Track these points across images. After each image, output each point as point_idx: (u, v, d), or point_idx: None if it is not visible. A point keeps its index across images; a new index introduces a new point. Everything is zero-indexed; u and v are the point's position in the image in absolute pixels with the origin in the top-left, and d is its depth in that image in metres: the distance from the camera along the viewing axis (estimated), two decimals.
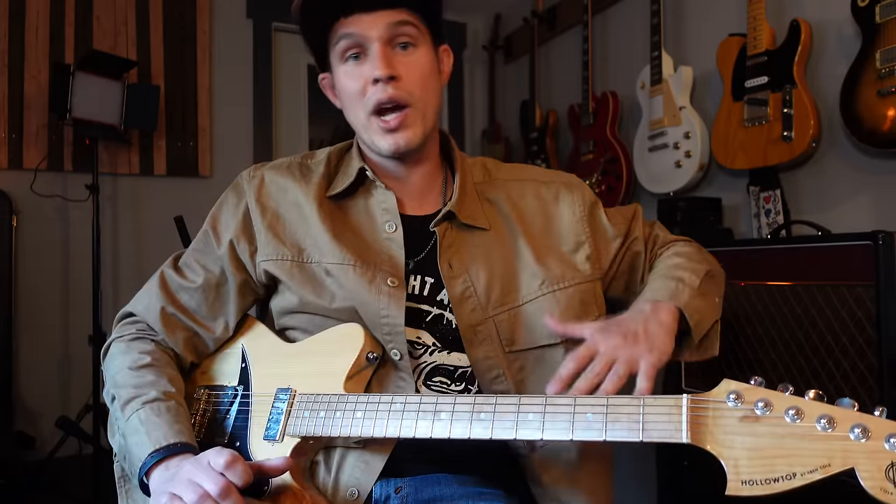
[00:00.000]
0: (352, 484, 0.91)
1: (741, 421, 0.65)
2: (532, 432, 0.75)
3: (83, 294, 2.84)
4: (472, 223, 1.02)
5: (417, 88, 0.98)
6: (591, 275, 1.03)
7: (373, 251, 1.00)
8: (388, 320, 0.95)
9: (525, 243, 1.02)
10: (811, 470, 0.61)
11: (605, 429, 0.71)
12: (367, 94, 0.97)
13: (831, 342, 1.52)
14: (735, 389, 0.67)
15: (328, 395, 0.89)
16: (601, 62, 2.97)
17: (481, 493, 0.92)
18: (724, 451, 0.65)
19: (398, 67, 0.96)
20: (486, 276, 0.98)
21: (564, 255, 1.03)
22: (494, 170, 1.12)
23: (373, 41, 0.96)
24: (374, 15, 0.96)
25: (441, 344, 0.98)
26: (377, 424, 0.83)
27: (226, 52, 3.34)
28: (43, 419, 2.87)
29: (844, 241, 1.54)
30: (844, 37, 1.92)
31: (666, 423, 0.69)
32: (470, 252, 1.00)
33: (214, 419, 0.99)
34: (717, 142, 2.18)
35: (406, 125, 0.97)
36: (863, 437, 0.59)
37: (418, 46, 0.99)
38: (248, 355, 1.02)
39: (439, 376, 0.97)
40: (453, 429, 0.78)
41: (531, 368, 0.97)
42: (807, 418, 0.63)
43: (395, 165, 1.05)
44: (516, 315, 0.98)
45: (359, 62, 0.98)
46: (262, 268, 1.02)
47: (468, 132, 4.01)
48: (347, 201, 1.06)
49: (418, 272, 1.00)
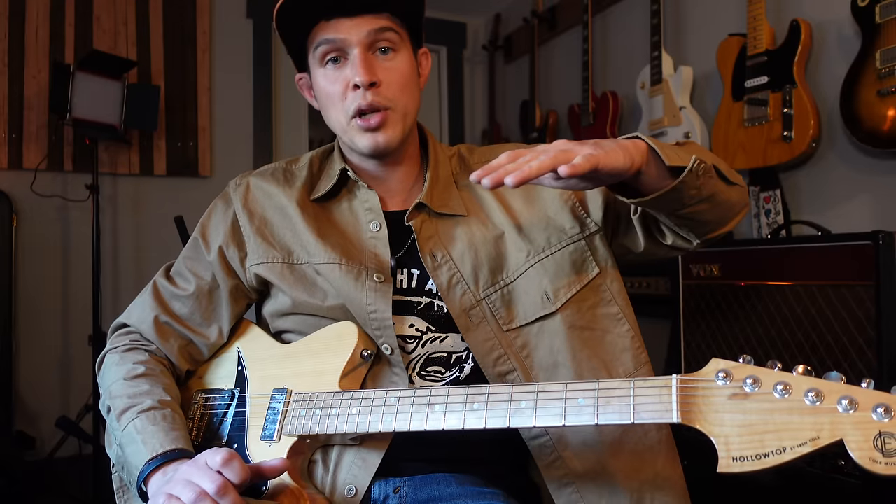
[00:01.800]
0: (349, 481, 0.91)
1: (730, 398, 0.65)
2: (525, 420, 0.75)
3: (83, 294, 2.84)
4: (447, 211, 1.03)
5: (397, 93, 0.99)
6: (581, 232, 1.01)
7: (358, 249, 1.01)
8: (376, 315, 0.95)
9: (507, 220, 1.02)
10: (801, 444, 0.60)
11: (597, 413, 0.71)
12: (347, 99, 0.98)
13: (831, 342, 1.52)
14: (724, 368, 0.67)
15: (323, 393, 0.89)
16: (601, 62, 2.97)
17: (481, 492, 0.92)
18: (714, 429, 0.65)
19: (378, 73, 0.97)
20: (471, 260, 0.99)
21: (550, 220, 1.01)
22: (468, 155, 1.12)
23: (353, 46, 0.96)
24: (356, 20, 0.96)
25: (435, 326, 0.98)
26: (372, 420, 0.83)
27: (226, 52, 3.34)
28: (43, 419, 2.87)
29: (844, 241, 1.54)
30: (844, 37, 1.92)
31: (656, 404, 0.68)
32: (452, 239, 1.01)
33: (212, 422, 0.99)
34: (717, 142, 2.18)
35: (386, 125, 0.98)
36: (850, 408, 0.59)
37: (398, 51, 1.00)
38: (244, 358, 1.02)
39: (434, 366, 0.98)
40: (447, 420, 0.79)
41: (534, 344, 0.97)
42: (795, 392, 0.62)
43: (376, 165, 1.06)
44: (508, 292, 0.98)
45: (338, 66, 0.99)
46: (253, 272, 1.03)
47: (468, 132, 4.01)
48: (331, 203, 1.07)
49: (403, 266, 1.01)
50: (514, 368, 0.95)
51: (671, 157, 0.83)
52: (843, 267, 1.51)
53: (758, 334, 1.68)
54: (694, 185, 0.84)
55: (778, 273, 1.65)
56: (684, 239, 0.97)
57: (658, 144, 0.84)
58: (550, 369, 0.96)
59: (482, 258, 0.99)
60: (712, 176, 0.87)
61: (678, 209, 0.88)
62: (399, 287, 1.00)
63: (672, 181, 0.82)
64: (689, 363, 1.88)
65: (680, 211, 0.88)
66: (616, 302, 1.01)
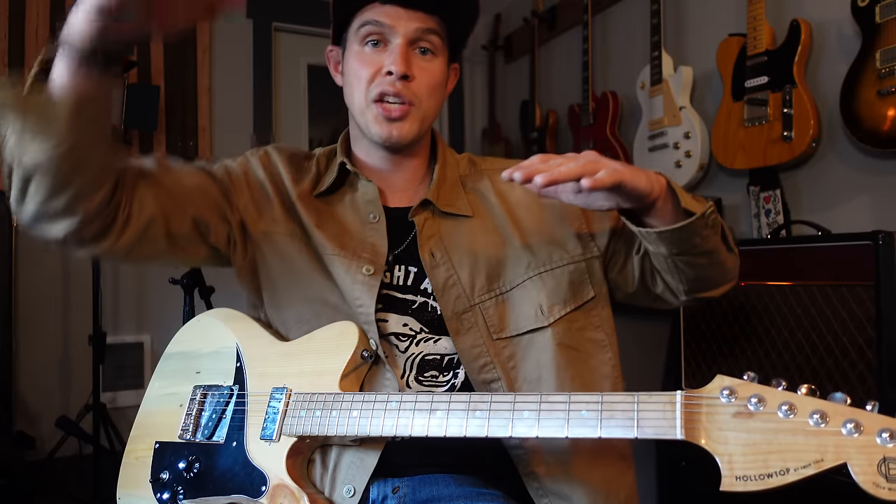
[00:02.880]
0: (348, 481, 0.91)
1: (735, 417, 0.65)
2: (527, 429, 0.75)
3: (83, 294, 2.84)
4: (452, 211, 1.03)
5: (425, 93, 1.00)
6: (583, 254, 1.02)
7: (355, 240, 1.01)
8: (362, 309, 0.96)
9: (512, 229, 1.02)
10: (804, 465, 0.61)
11: (600, 425, 0.71)
12: (374, 82, 0.98)
13: (831, 342, 1.52)
14: (728, 385, 0.67)
15: (324, 394, 0.89)
16: (601, 62, 2.97)
17: (480, 493, 0.91)
18: (718, 447, 0.65)
19: (414, 69, 0.98)
20: (469, 263, 0.99)
21: (554, 237, 1.02)
22: (480, 162, 1.14)
23: (398, 36, 0.98)
24: (409, 13, 0.98)
25: (428, 328, 0.98)
26: (373, 423, 0.83)
27: (226, 52, 3.34)
28: (43, 419, 2.87)
29: (844, 241, 1.54)
30: (844, 37, 1.92)
31: (660, 420, 0.69)
32: (453, 240, 1.01)
33: (210, 419, 0.99)
34: (717, 142, 2.18)
35: (405, 119, 0.99)
36: (855, 431, 0.60)
37: (436, 56, 1.02)
38: (243, 354, 1.02)
39: (430, 370, 0.98)
40: (449, 427, 0.79)
41: (521, 355, 0.97)
42: (800, 413, 0.63)
43: (382, 158, 1.06)
44: (503, 301, 0.98)
45: (377, 49, 1.00)
46: (261, 233, 1.04)
47: (468, 132, 4.01)
48: (334, 197, 1.07)
49: (401, 262, 1.01)
50: (498, 377, 0.95)
51: (687, 200, 0.87)
52: (843, 267, 1.51)
53: (758, 334, 1.68)
54: (700, 232, 0.87)
55: (778, 273, 1.65)
56: (672, 292, 1.00)
57: (677, 187, 0.87)
58: (534, 382, 0.96)
59: (481, 263, 0.99)
60: (718, 232, 0.91)
61: (678, 253, 0.90)
62: (395, 283, 1.00)
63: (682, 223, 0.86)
64: (689, 363, 1.88)
65: (679, 257, 0.91)
66: (603, 329, 1.02)
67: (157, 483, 0.98)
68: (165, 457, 1.00)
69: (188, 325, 1.13)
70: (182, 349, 1.10)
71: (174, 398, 1.04)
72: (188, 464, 0.96)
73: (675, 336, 1.94)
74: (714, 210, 0.87)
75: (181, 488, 0.96)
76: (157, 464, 1.00)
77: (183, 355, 1.09)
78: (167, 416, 1.03)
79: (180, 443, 0.99)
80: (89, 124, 0.82)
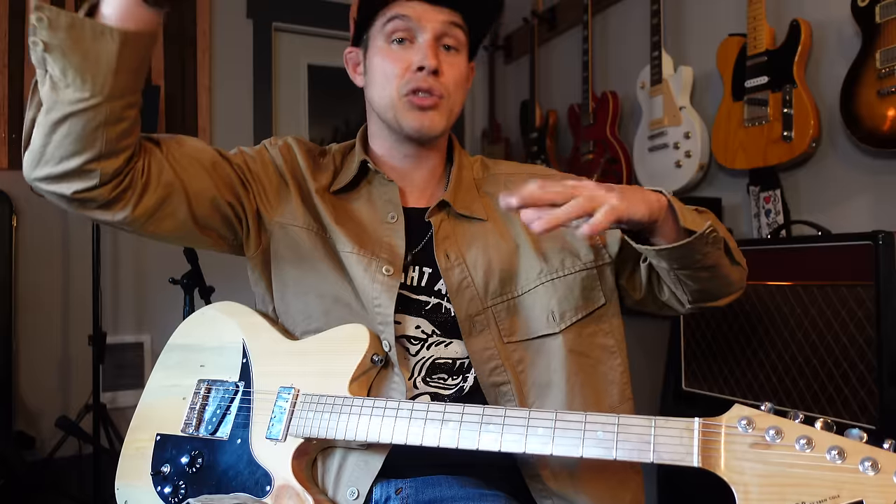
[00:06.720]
0: (352, 483, 0.91)
1: (752, 447, 0.66)
2: (541, 446, 0.75)
3: (83, 294, 2.84)
4: (468, 213, 1.04)
5: (452, 87, 1.02)
6: (595, 261, 1.03)
7: (373, 239, 1.02)
8: (380, 310, 0.96)
9: (525, 235, 1.03)
10: (820, 500, 0.62)
11: (616, 447, 0.72)
12: (404, 78, 0.99)
13: (831, 342, 1.52)
14: (747, 415, 0.68)
15: (333, 396, 0.89)
16: (601, 62, 2.97)
17: (483, 494, 0.92)
18: (734, 477, 0.66)
19: (442, 64, 1.00)
20: (484, 266, 0.99)
21: (566, 244, 1.03)
22: (493, 165, 1.15)
23: (425, 32, 0.99)
24: (436, 9, 1.00)
25: (440, 331, 0.98)
26: (384, 430, 0.83)
27: (226, 52, 3.34)
28: (43, 419, 2.87)
29: (844, 241, 1.54)
30: (844, 37, 1.92)
31: (677, 446, 0.69)
32: (468, 242, 1.02)
33: (214, 414, 0.98)
34: (717, 142, 2.18)
35: (436, 109, 1.00)
36: (872, 470, 0.61)
37: (460, 52, 1.04)
38: (249, 351, 1.01)
39: (439, 372, 0.97)
40: (461, 439, 0.78)
41: (531, 360, 0.97)
42: (817, 448, 0.64)
43: (404, 154, 1.07)
44: (515, 305, 0.99)
45: (403, 47, 1.01)
46: (277, 224, 1.03)
47: (468, 132, 4.01)
48: (351, 194, 1.08)
49: (416, 263, 1.01)
50: (508, 381, 0.95)
51: (687, 218, 0.87)
52: (843, 267, 1.51)
53: (758, 334, 1.68)
54: (701, 250, 0.88)
55: (778, 273, 1.66)
56: (678, 300, 1.01)
57: (679, 205, 0.88)
58: (543, 387, 0.97)
59: (494, 267, 0.99)
60: (719, 248, 0.91)
61: (679, 268, 0.91)
62: (409, 284, 1.00)
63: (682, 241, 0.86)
64: (689, 363, 1.88)
65: (680, 271, 0.92)
66: (613, 335, 1.03)
67: (159, 476, 0.97)
68: (167, 449, 0.99)
69: (192, 318, 1.12)
70: (186, 342, 1.09)
71: (177, 390, 1.03)
72: (191, 458, 0.96)
73: (676, 336, 1.94)
74: (714, 229, 0.87)
75: (183, 483, 0.95)
76: (158, 456, 0.99)
77: (186, 348, 1.08)
78: (169, 407, 1.02)
79: (183, 436, 0.98)
80: (128, 76, 0.82)
